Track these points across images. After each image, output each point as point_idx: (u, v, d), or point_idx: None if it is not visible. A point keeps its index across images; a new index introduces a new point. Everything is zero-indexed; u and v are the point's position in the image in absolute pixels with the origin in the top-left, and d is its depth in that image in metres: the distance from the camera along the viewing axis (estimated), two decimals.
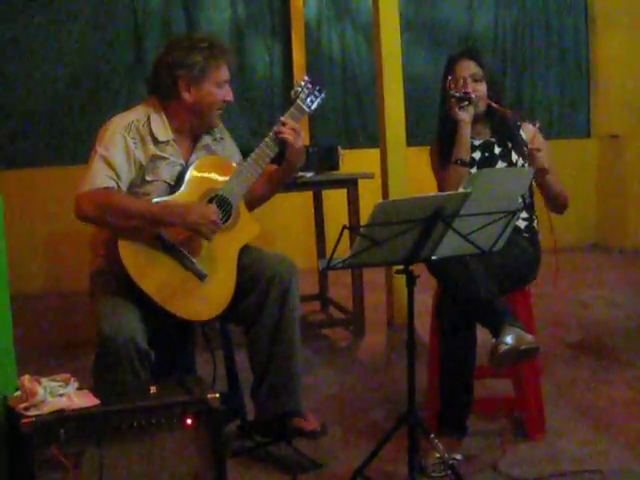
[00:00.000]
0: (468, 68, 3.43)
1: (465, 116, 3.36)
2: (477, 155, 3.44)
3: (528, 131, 3.43)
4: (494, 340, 2.86)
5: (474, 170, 3.36)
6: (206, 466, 2.58)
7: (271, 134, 3.17)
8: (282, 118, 3.19)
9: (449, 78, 3.41)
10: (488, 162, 3.41)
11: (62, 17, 7.11)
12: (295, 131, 3.17)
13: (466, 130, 3.36)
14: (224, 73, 3.15)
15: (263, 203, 3.37)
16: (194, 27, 7.35)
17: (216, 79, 3.12)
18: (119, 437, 2.46)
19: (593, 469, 3.01)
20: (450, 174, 3.36)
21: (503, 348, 2.81)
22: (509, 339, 2.82)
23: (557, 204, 3.36)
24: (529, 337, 2.86)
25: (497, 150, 3.44)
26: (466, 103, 3.35)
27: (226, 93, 3.17)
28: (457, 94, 3.35)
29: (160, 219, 2.94)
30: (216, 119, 3.20)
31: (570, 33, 8.45)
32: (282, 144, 3.18)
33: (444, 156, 3.42)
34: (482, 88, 3.41)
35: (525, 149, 3.30)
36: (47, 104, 7.13)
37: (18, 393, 2.47)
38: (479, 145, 3.46)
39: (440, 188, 3.44)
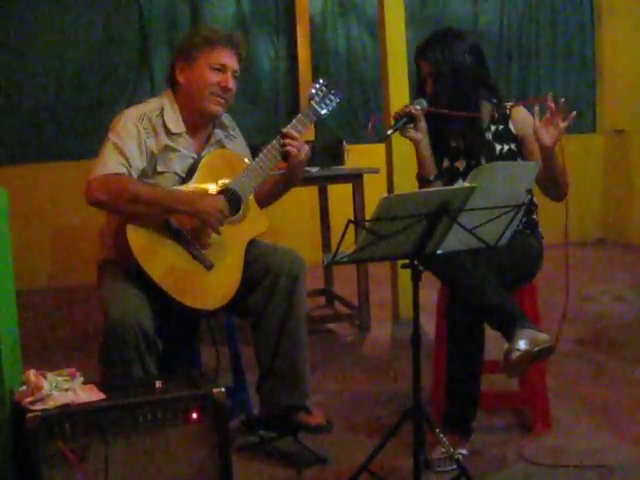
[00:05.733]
0: (425, 67, 3.29)
1: (415, 135, 3.25)
2: (461, 164, 3.33)
3: (518, 113, 3.30)
4: (506, 345, 2.82)
5: (460, 182, 3.25)
6: (211, 460, 2.58)
7: (275, 142, 3.16)
8: (284, 130, 3.18)
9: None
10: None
11: (67, 12, 7.11)
12: (299, 143, 3.17)
13: (422, 147, 3.28)
14: (219, 56, 3.10)
15: (271, 203, 3.38)
16: (199, 22, 7.35)
17: (208, 61, 3.09)
18: (125, 431, 2.46)
19: (598, 464, 3.01)
20: (419, 189, 3.33)
21: (516, 354, 2.77)
22: (522, 344, 2.77)
23: (558, 184, 3.14)
24: (542, 336, 2.81)
25: (482, 156, 3.29)
26: (411, 125, 3.23)
27: (222, 78, 3.11)
28: (392, 129, 3.21)
29: (169, 206, 2.95)
30: (212, 105, 3.13)
31: (575, 27, 8.45)
32: (285, 155, 3.18)
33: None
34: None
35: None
36: (52, 100, 7.15)
37: (24, 387, 2.47)
38: (465, 150, 3.34)
39: None
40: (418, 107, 3.23)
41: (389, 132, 3.23)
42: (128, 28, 7.32)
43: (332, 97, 3.32)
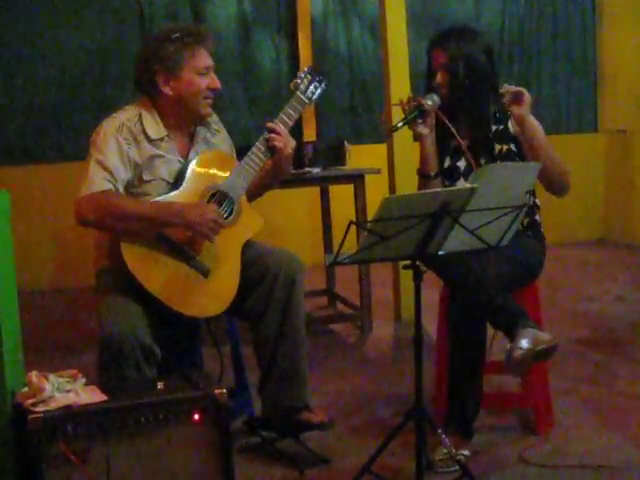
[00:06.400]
0: (438, 58, 3.26)
1: (422, 130, 3.22)
2: (462, 163, 3.32)
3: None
4: (509, 345, 2.81)
5: (461, 181, 3.27)
6: (213, 462, 2.58)
7: (262, 139, 3.15)
8: (269, 125, 3.17)
9: (400, 101, 3.22)
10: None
11: (68, 13, 7.12)
12: (285, 137, 3.16)
13: (427, 143, 3.25)
14: (202, 60, 3.08)
15: (256, 198, 3.35)
16: (200, 23, 7.35)
17: (194, 67, 3.06)
18: (126, 433, 2.46)
19: (600, 465, 3.00)
20: (420, 187, 3.33)
21: (519, 353, 2.76)
22: (524, 342, 2.77)
23: (553, 174, 3.11)
24: (545, 336, 2.80)
25: (482, 155, 3.28)
26: (421, 120, 3.19)
27: (210, 81, 3.10)
28: (402, 121, 3.15)
29: (160, 220, 2.93)
30: (205, 109, 3.13)
31: (577, 27, 8.44)
32: (272, 150, 3.16)
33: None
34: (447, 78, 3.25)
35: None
36: (53, 100, 7.16)
37: (26, 389, 2.47)
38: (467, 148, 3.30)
39: None
40: (430, 102, 3.19)
41: (399, 124, 3.16)
42: (129, 29, 7.32)
43: (317, 84, 3.28)
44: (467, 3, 8.15)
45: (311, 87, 3.27)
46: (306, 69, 3.33)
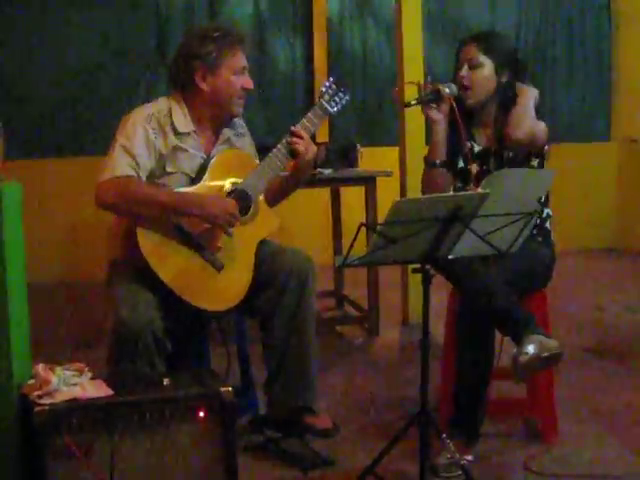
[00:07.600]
0: (467, 53, 3.27)
1: (435, 115, 3.21)
2: (474, 168, 3.29)
3: None
4: (515, 350, 2.82)
5: (471, 186, 3.26)
6: (217, 459, 2.58)
7: (283, 141, 3.18)
8: (292, 129, 3.19)
9: (428, 78, 3.26)
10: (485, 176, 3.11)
11: (85, 8, 7.13)
12: (306, 142, 3.18)
13: (437, 129, 3.22)
14: (240, 60, 3.14)
15: (279, 202, 3.38)
16: (217, 21, 7.35)
17: (232, 67, 3.12)
18: (131, 428, 2.46)
19: (605, 474, 3.00)
20: (423, 175, 3.33)
21: (525, 358, 2.77)
22: (530, 348, 2.77)
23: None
24: (552, 343, 2.81)
25: (492, 161, 3.28)
26: (434, 105, 3.19)
27: (245, 81, 3.16)
28: (416, 100, 3.19)
29: (179, 209, 2.96)
30: (237, 108, 3.18)
31: (592, 35, 8.41)
32: (293, 153, 3.19)
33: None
34: (476, 77, 3.23)
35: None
36: (67, 94, 7.17)
37: (32, 381, 2.48)
38: (478, 153, 3.31)
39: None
40: (447, 90, 3.19)
41: (413, 102, 3.22)
42: (144, 26, 7.33)
43: (341, 95, 3.33)
44: (483, 8, 8.13)
45: (335, 98, 3.31)
46: (331, 79, 3.36)
